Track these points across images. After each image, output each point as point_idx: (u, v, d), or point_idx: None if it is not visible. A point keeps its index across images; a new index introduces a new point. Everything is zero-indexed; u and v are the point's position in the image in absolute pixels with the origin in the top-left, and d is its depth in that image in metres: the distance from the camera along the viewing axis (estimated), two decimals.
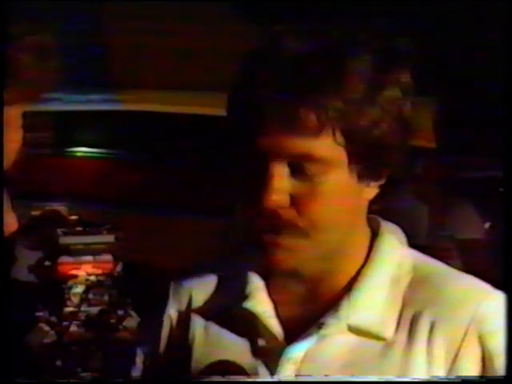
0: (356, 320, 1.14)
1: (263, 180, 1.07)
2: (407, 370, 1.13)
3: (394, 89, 1.09)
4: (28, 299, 3.96)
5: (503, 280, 1.13)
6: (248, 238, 1.15)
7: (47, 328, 3.92)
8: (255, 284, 1.20)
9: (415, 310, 1.15)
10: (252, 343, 1.20)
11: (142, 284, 3.82)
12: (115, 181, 6.69)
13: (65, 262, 4.25)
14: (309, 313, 1.17)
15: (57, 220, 4.52)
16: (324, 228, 1.10)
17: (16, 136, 0.79)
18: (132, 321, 3.68)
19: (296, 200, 1.08)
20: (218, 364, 1.18)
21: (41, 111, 4.33)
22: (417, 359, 1.13)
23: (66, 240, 4.31)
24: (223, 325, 1.22)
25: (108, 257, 4.35)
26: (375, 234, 1.20)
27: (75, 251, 4.28)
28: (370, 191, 1.14)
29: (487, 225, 4.36)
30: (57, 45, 0.81)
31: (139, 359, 1.30)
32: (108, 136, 6.52)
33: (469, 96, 4.61)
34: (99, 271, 4.30)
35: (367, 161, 1.09)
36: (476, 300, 1.15)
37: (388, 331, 1.15)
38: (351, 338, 1.15)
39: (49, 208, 4.57)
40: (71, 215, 4.72)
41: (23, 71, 0.76)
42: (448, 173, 4.04)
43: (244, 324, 1.20)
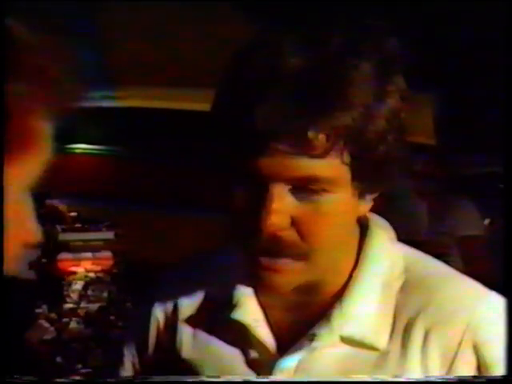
0: (349, 332, 1.11)
1: (262, 201, 1.00)
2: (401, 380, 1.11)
3: (396, 96, 1.03)
4: (28, 296, 3.96)
5: (503, 276, 1.12)
6: (243, 260, 1.06)
7: (47, 324, 3.93)
8: (243, 290, 1.15)
9: (409, 317, 1.12)
10: (243, 352, 1.15)
11: (141, 280, 3.82)
12: (115, 178, 6.69)
13: (64, 259, 4.25)
14: (300, 317, 1.13)
15: (56, 217, 4.52)
16: (324, 249, 1.04)
17: (45, 147, 0.77)
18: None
19: (297, 221, 1.02)
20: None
21: None
22: (411, 369, 1.10)
23: (66, 237, 4.31)
24: (212, 333, 1.18)
25: (107, 253, 4.35)
26: (364, 228, 1.16)
27: (74, 248, 4.28)
28: (366, 206, 1.10)
29: (487, 221, 4.37)
30: (75, 54, 0.80)
31: (127, 358, 1.26)
32: (108, 133, 6.52)
33: (468, 93, 4.61)
34: (98, 268, 4.30)
35: (371, 176, 1.04)
36: (470, 306, 1.11)
37: (382, 341, 1.11)
38: (344, 349, 1.12)
39: (48, 204, 4.57)
40: (70, 212, 4.72)
41: (53, 84, 0.74)
42: (448, 169, 4.04)
43: (233, 333, 1.16)
